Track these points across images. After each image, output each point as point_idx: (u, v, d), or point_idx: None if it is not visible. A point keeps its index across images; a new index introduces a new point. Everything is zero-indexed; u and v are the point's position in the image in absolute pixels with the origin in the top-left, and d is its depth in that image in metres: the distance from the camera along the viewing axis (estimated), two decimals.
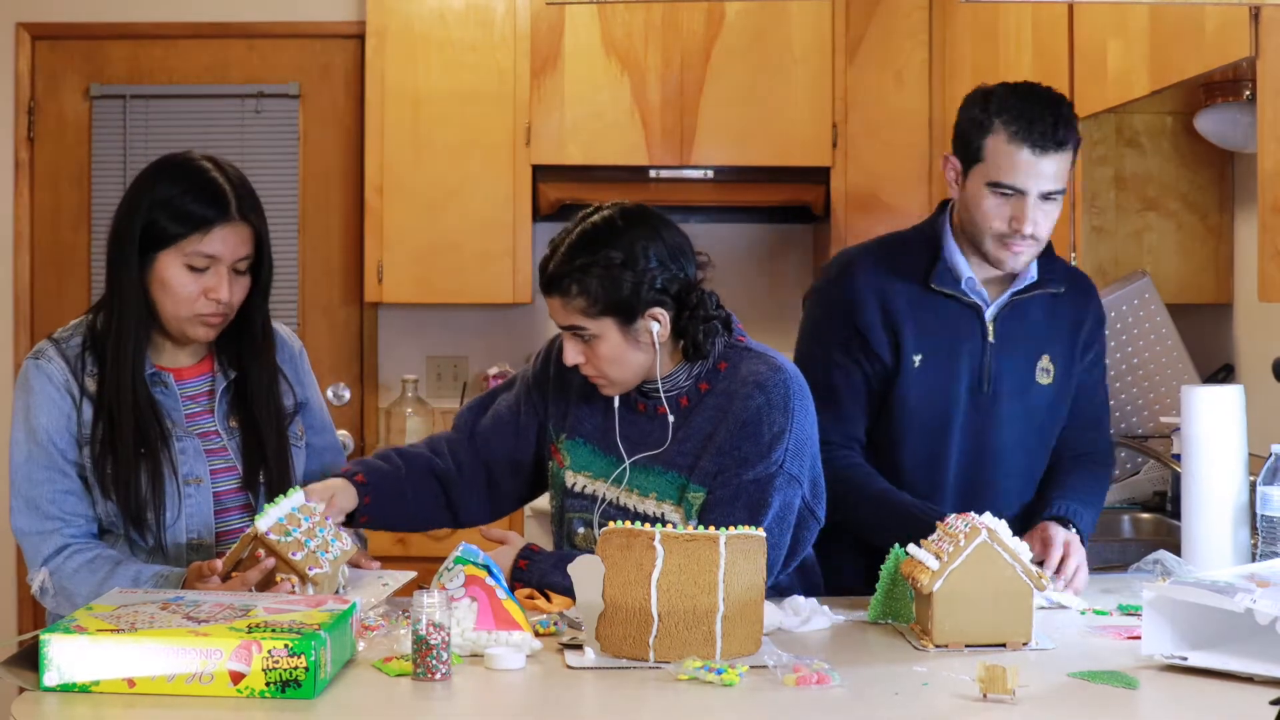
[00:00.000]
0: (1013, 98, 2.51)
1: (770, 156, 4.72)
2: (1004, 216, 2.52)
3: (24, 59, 4.88)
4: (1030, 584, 2.12)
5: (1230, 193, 3.56)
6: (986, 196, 2.53)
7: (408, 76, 4.69)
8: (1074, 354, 2.67)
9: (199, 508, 2.35)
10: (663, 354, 2.37)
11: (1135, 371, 3.40)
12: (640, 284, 2.32)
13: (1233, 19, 2.70)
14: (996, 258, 2.56)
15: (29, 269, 4.89)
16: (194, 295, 2.29)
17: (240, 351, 2.41)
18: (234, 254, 2.30)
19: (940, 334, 2.61)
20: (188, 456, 2.35)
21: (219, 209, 2.28)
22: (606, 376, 2.38)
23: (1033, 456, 2.68)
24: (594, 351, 2.36)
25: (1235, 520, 2.56)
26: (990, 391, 2.61)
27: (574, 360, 2.38)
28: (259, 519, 2.17)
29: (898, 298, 2.62)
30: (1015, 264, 2.57)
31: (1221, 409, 2.57)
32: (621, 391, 2.41)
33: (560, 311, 2.37)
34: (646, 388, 2.41)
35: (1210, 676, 1.95)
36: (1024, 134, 2.48)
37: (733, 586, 2.00)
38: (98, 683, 1.82)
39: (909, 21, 4.72)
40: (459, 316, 5.03)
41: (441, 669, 1.91)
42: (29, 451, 2.31)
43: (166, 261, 2.29)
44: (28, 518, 2.31)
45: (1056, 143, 2.48)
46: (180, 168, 2.34)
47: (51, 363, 2.32)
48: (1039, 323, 2.64)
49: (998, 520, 2.16)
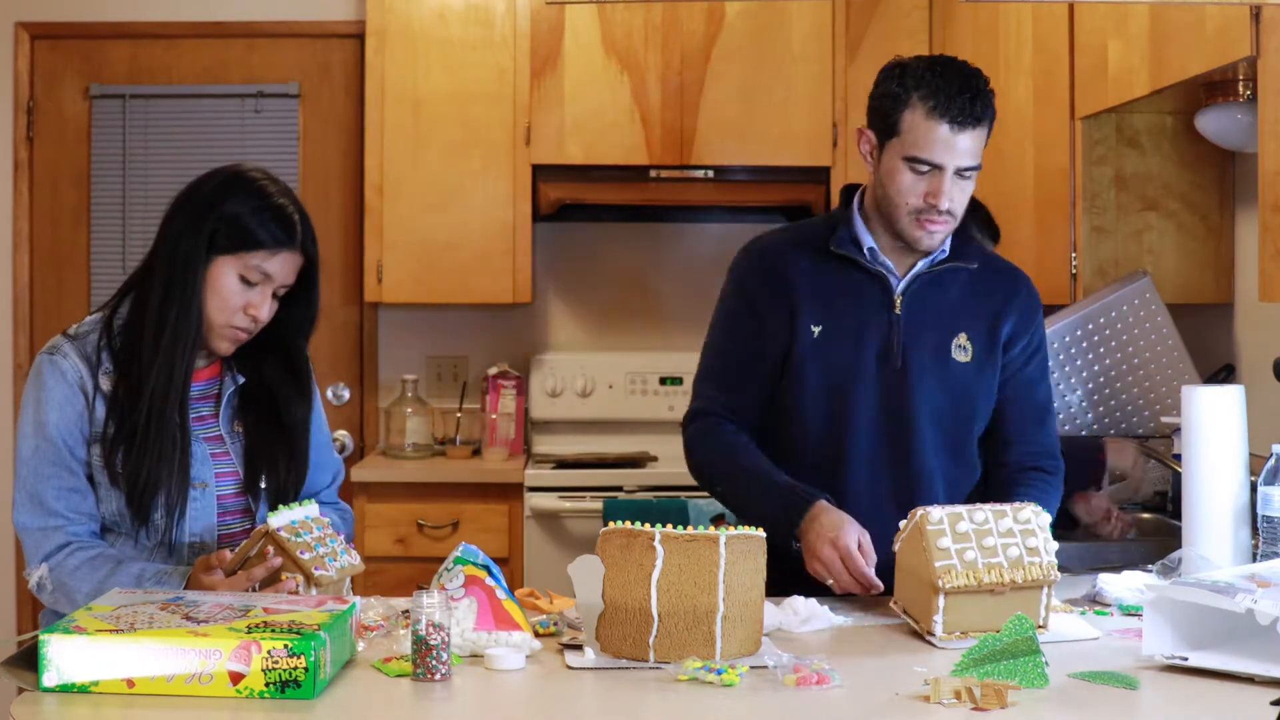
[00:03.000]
0: (929, 72, 2.48)
1: (770, 156, 4.73)
2: (919, 192, 2.48)
3: (23, 59, 4.88)
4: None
5: (1230, 193, 3.56)
6: (902, 171, 2.49)
7: (408, 76, 4.69)
8: (995, 340, 2.60)
9: (202, 511, 2.36)
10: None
11: (1135, 371, 3.40)
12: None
13: (1233, 19, 2.70)
14: (912, 236, 2.53)
15: (29, 269, 4.89)
16: (237, 307, 2.33)
17: (279, 382, 2.44)
18: (284, 279, 2.35)
19: (842, 305, 2.58)
20: (195, 460, 2.36)
21: (289, 235, 2.33)
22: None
23: (957, 434, 2.61)
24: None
25: (1235, 520, 2.56)
26: (901, 365, 2.56)
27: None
28: (272, 516, 2.18)
29: (793, 267, 2.59)
30: (930, 242, 2.53)
31: (1222, 409, 2.57)
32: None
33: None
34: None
35: (1210, 677, 1.95)
36: (942, 109, 2.44)
37: (733, 587, 2.00)
38: (97, 683, 1.82)
39: (909, 21, 4.73)
40: (459, 316, 5.03)
41: (441, 669, 1.91)
42: (36, 445, 2.31)
43: (223, 267, 2.32)
44: (31, 513, 2.31)
45: (974, 118, 2.46)
46: (253, 185, 2.35)
47: (67, 359, 2.33)
48: (954, 301, 2.60)
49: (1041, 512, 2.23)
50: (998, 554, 2.16)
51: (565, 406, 4.97)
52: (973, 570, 2.14)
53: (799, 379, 2.58)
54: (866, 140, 2.56)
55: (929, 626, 2.16)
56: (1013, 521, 2.20)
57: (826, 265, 2.59)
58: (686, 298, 4.99)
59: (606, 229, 5.06)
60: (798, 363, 2.57)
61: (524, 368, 5.00)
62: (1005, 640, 1.91)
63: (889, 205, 2.53)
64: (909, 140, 2.47)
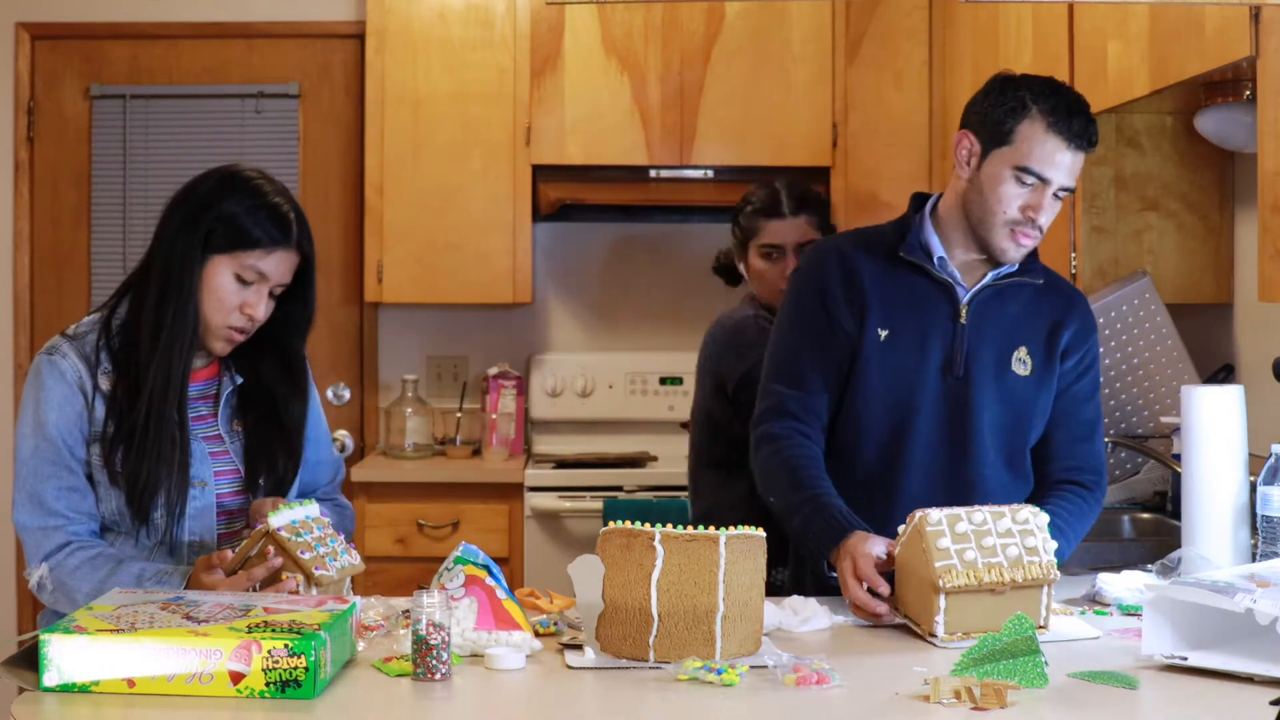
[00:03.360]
0: (1048, 88, 2.51)
1: (770, 156, 4.72)
2: (1021, 203, 2.50)
3: (24, 59, 4.88)
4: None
5: (1230, 193, 3.56)
6: (1007, 181, 2.50)
7: (408, 76, 4.69)
8: (1054, 354, 2.62)
9: (202, 510, 2.36)
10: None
11: (1135, 371, 3.40)
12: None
13: (1233, 19, 2.70)
14: (1000, 246, 2.54)
15: (29, 269, 4.89)
16: (233, 306, 2.33)
17: (276, 381, 2.45)
18: (280, 278, 2.35)
19: (909, 311, 2.58)
20: (195, 459, 2.36)
21: (284, 233, 2.33)
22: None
23: (1012, 447, 2.62)
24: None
25: (1235, 520, 2.56)
26: (963, 375, 2.57)
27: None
28: (272, 516, 2.18)
29: (863, 271, 2.60)
30: (1018, 254, 2.55)
31: (1221, 409, 2.57)
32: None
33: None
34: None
35: (1210, 676, 1.95)
36: (1062, 125, 2.47)
37: (733, 586, 2.00)
38: (97, 683, 1.83)
39: (909, 21, 4.73)
40: (459, 316, 5.03)
41: (441, 669, 1.91)
42: (36, 445, 2.32)
43: (219, 266, 2.32)
44: (31, 513, 2.32)
45: (1089, 141, 2.50)
46: (249, 184, 2.36)
47: (66, 359, 2.33)
48: (1016, 314, 2.61)
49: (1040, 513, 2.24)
50: (997, 554, 2.16)
51: (565, 406, 4.97)
52: (973, 570, 2.14)
53: (863, 382, 2.59)
54: (967, 145, 2.56)
55: (930, 628, 2.16)
56: (1011, 522, 2.20)
57: (895, 270, 2.60)
58: (687, 298, 4.99)
59: (606, 229, 5.06)
60: (862, 365, 2.58)
61: (524, 368, 5.00)
62: (1005, 640, 1.91)
63: (984, 212, 2.53)
64: (1023, 150, 2.49)
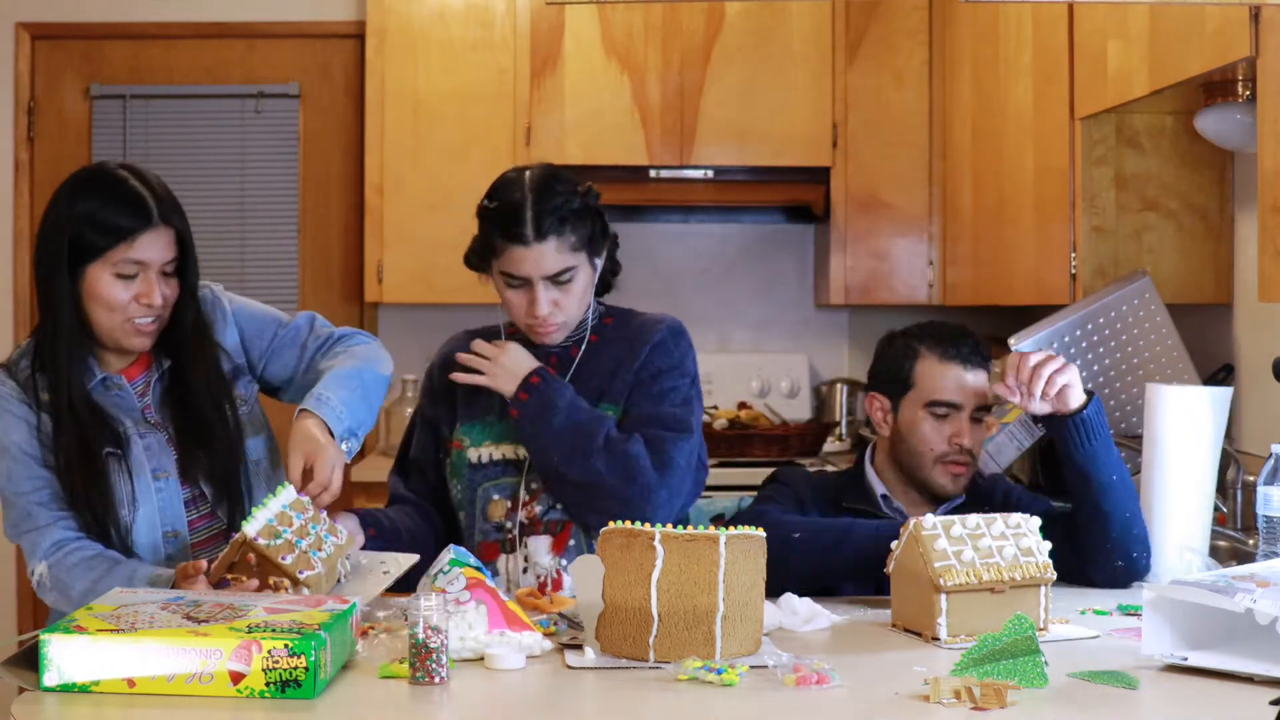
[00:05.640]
0: (929, 329, 2.69)
1: (770, 156, 4.73)
2: (944, 435, 2.63)
3: (24, 59, 4.89)
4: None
5: (1230, 193, 3.55)
6: (924, 420, 2.64)
7: (408, 76, 4.69)
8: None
9: (169, 500, 2.38)
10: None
11: (1135, 371, 3.40)
12: (596, 221, 2.53)
13: (1233, 19, 2.70)
14: (939, 483, 2.65)
15: (29, 269, 4.89)
16: (126, 302, 2.32)
17: (177, 351, 2.42)
18: (161, 258, 2.33)
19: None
20: (153, 452, 2.37)
21: (142, 217, 2.30)
22: (569, 319, 2.54)
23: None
24: (568, 293, 2.51)
25: (1196, 521, 2.57)
26: None
27: (548, 310, 2.50)
28: (246, 524, 2.16)
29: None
30: (957, 485, 2.66)
31: (1187, 410, 2.58)
32: (564, 336, 2.56)
33: (552, 256, 2.48)
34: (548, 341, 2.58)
35: (1210, 676, 1.95)
36: (952, 352, 2.64)
37: (733, 586, 2.00)
38: (98, 683, 1.82)
39: (909, 21, 4.73)
40: (459, 316, 5.02)
41: (440, 673, 1.91)
42: (8, 469, 2.34)
43: (96, 274, 2.31)
44: (21, 523, 2.35)
45: (982, 358, 2.66)
46: (99, 180, 2.34)
47: (4, 385, 2.36)
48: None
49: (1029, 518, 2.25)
50: (994, 554, 2.17)
51: None
52: (972, 569, 2.14)
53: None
54: (879, 407, 2.70)
55: (933, 632, 2.16)
56: (1004, 525, 2.23)
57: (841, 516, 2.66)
58: (686, 298, 4.99)
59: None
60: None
61: None
62: (1005, 640, 1.91)
63: (913, 456, 2.65)
64: (927, 387, 2.65)
